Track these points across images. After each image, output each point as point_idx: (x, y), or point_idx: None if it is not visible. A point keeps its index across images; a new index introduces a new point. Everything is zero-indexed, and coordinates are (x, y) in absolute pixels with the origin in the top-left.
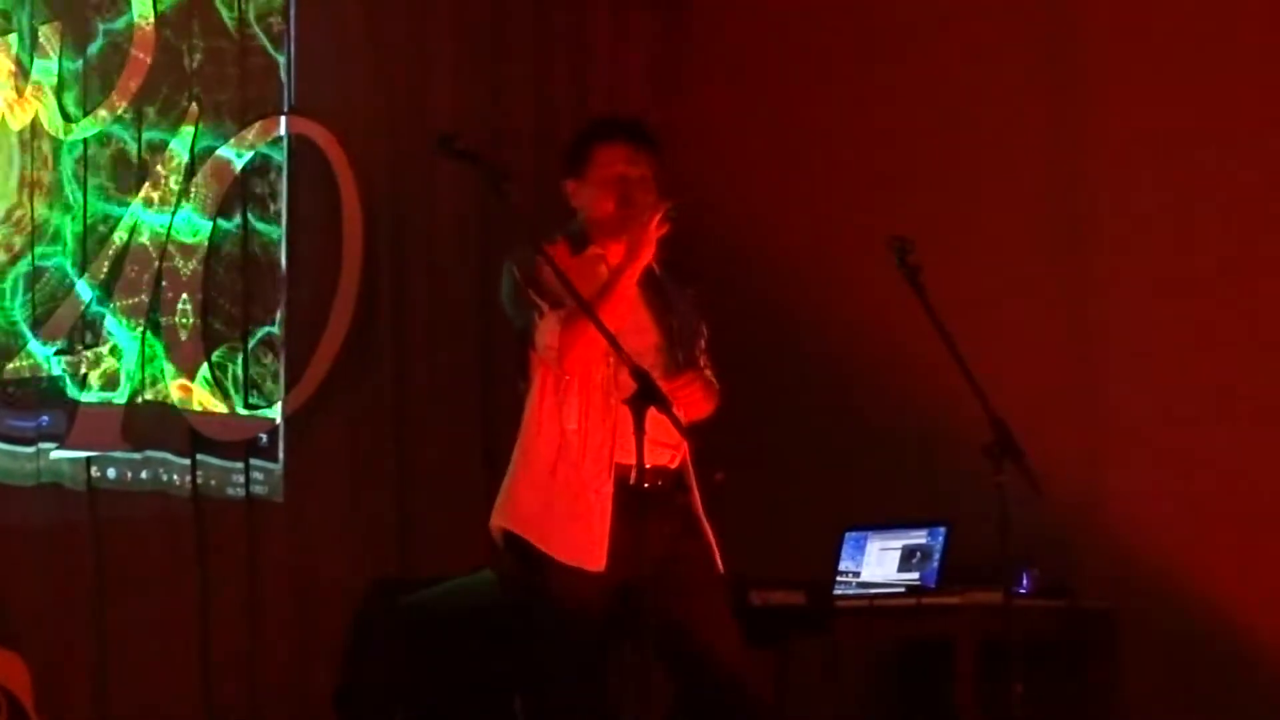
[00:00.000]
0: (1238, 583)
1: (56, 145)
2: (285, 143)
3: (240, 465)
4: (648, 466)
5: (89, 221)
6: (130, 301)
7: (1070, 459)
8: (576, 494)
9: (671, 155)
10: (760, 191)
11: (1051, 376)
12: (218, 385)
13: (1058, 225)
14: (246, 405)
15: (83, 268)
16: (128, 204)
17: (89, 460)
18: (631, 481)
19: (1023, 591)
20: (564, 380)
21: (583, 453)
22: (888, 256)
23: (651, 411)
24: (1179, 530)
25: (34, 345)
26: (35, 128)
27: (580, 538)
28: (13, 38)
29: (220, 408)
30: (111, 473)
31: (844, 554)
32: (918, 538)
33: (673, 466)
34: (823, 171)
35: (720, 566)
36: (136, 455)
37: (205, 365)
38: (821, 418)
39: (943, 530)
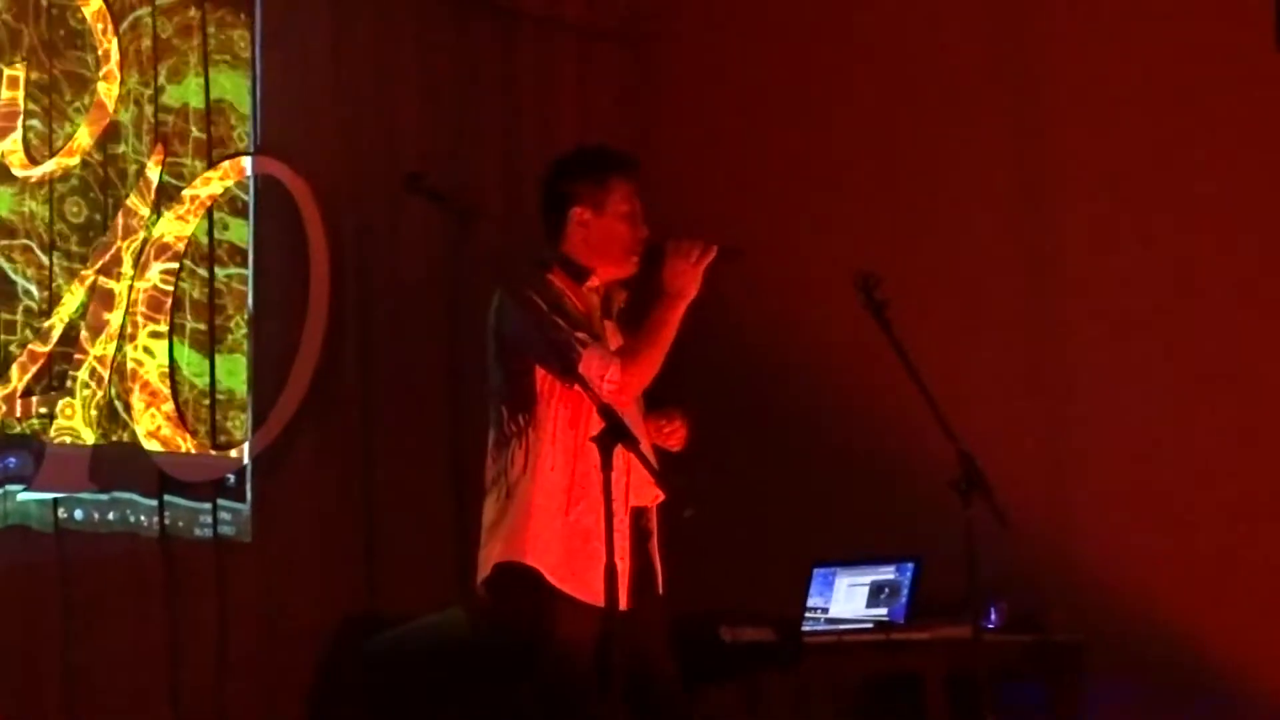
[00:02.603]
0: (1205, 615)
1: (21, 186)
2: (251, 183)
3: (208, 506)
4: (640, 505)
5: (54, 263)
6: (97, 342)
7: (1038, 493)
8: (595, 532)
9: (640, 193)
10: (727, 227)
11: (1018, 411)
12: (184, 426)
13: (1024, 262)
14: (214, 446)
15: (49, 308)
16: (93, 244)
17: (56, 501)
18: (639, 521)
19: (991, 626)
20: (580, 415)
21: (602, 490)
22: (856, 292)
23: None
24: (1147, 564)
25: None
26: (1, 168)
27: (602, 577)
28: None
29: (188, 448)
30: (79, 514)
31: (813, 590)
32: (886, 573)
33: (652, 506)
34: (790, 207)
35: (661, 589)
36: (104, 496)
37: (172, 406)
38: (790, 453)
39: (911, 565)
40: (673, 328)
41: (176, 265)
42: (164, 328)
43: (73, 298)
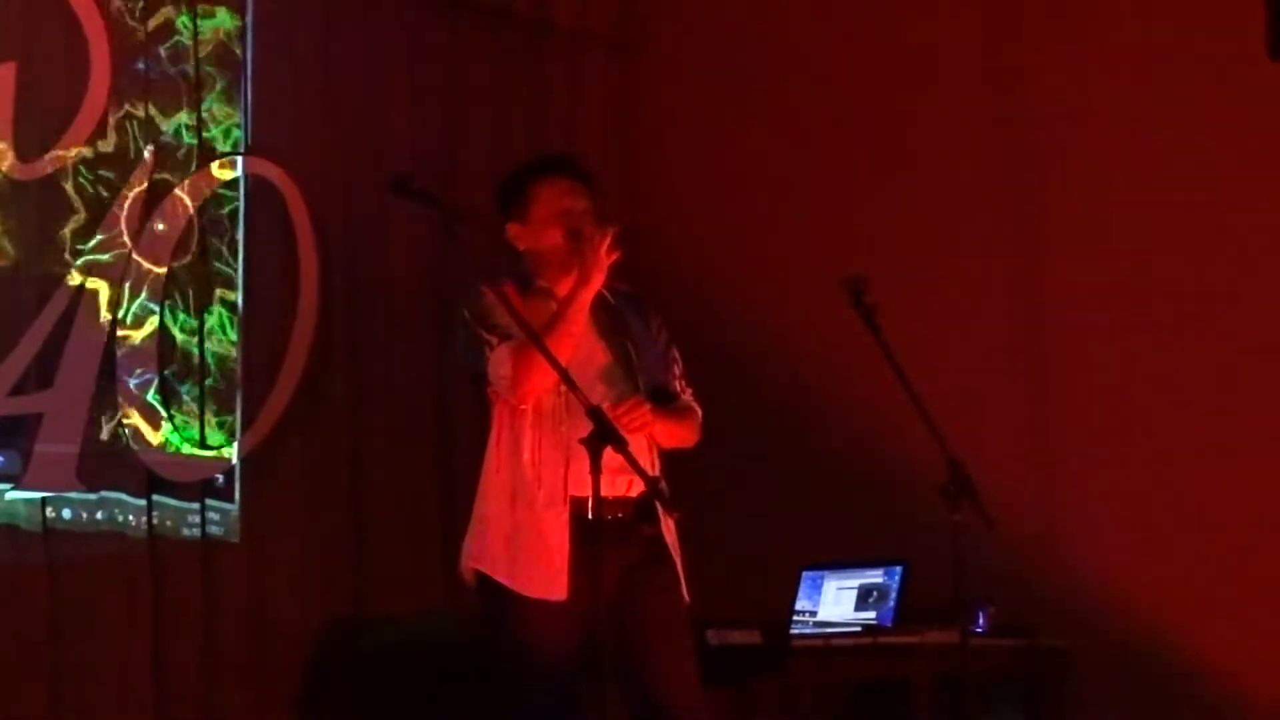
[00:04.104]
0: (1193, 619)
1: (13, 185)
2: (241, 183)
3: (196, 506)
4: (609, 497)
5: (45, 261)
6: (86, 341)
7: (1025, 497)
8: (533, 526)
9: (628, 198)
10: (716, 233)
11: (1006, 415)
12: (173, 425)
13: (1012, 266)
14: (203, 446)
15: (38, 307)
16: (85, 243)
17: (44, 501)
18: (589, 515)
19: (979, 630)
20: (518, 414)
21: (537, 485)
22: (844, 296)
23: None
24: (1135, 568)
25: None
26: None
27: (542, 570)
28: None
29: (176, 448)
30: (67, 513)
31: (801, 593)
32: (874, 577)
33: (634, 496)
34: (778, 211)
35: (686, 598)
36: (92, 496)
37: (161, 405)
38: (778, 457)
39: (899, 569)
40: (573, 316)
41: (167, 263)
42: (154, 326)
43: (62, 297)
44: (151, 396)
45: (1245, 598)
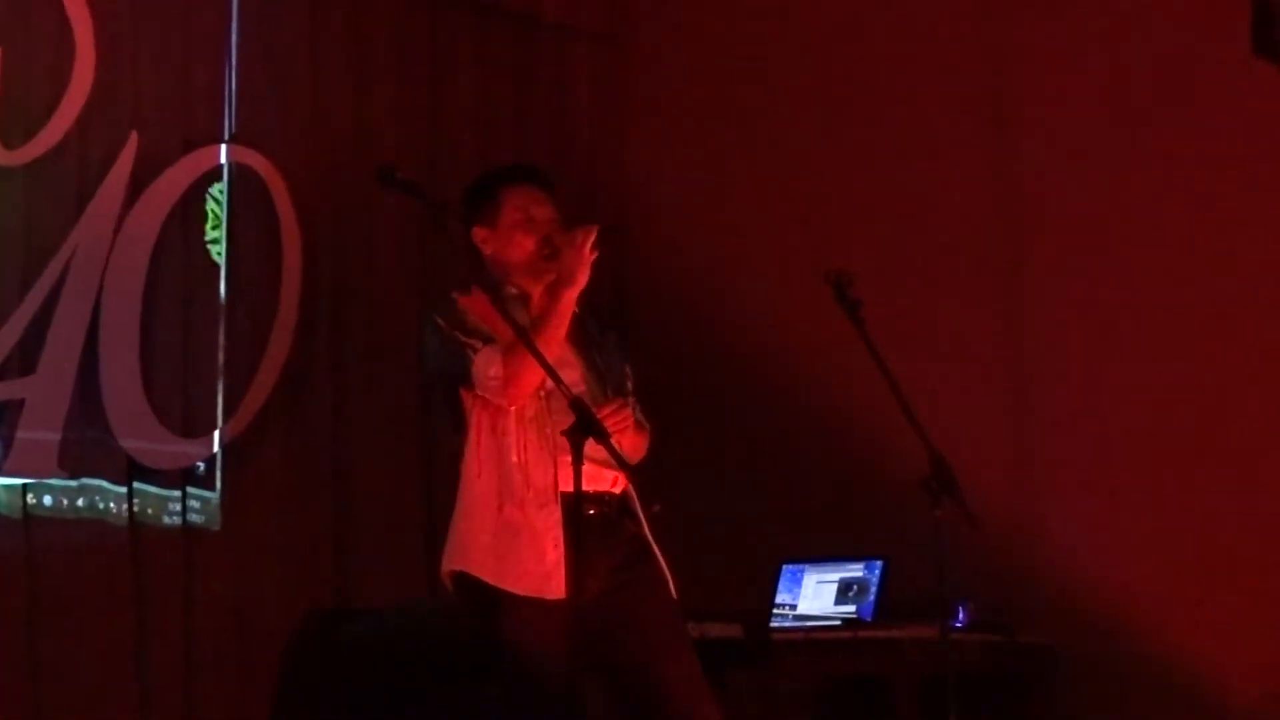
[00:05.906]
0: (1174, 616)
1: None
2: (225, 171)
3: (177, 493)
4: (591, 492)
5: (29, 247)
6: (68, 328)
7: (1007, 494)
8: (525, 526)
9: (614, 191)
10: (702, 227)
11: (988, 411)
12: (155, 412)
13: (993, 263)
14: (184, 433)
15: (21, 293)
16: (68, 229)
17: (25, 487)
18: (576, 509)
19: (960, 625)
20: (500, 416)
21: (526, 486)
22: (826, 290)
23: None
24: (1116, 565)
25: None
26: None
27: (536, 568)
28: None
29: (158, 435)
30: (47, 500)
31: (781, 586)
32: (855, 571)
33: (617, 491)
34: (766, 206)
35: (674, 592)
36: (73, 483)
37: (143, 391)
38: (759, 450)
39: (880, 564)
40: (560, 317)
41: (150, 250)
42: (137, 313)
43: (45, 283)
44: (134, 381)
45: (1225, 594)
